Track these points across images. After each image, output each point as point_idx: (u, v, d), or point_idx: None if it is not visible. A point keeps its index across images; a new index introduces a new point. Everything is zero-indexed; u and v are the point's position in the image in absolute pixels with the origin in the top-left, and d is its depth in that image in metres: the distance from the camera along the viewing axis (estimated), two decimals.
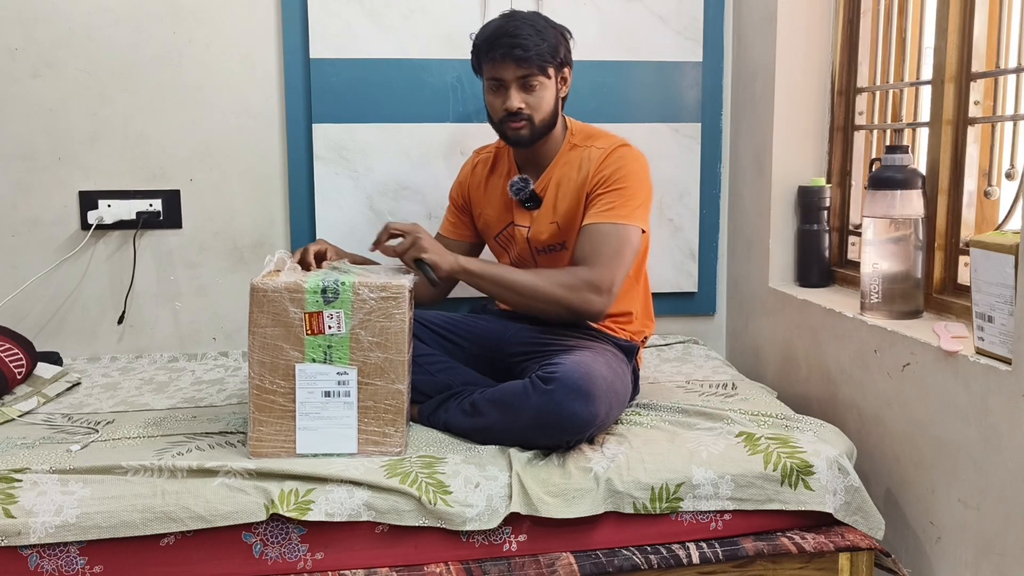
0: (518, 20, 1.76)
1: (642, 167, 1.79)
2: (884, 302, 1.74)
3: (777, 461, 1.54)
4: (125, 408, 1.84)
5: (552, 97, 1.78)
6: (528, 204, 1.85)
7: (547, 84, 1.76)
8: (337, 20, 2.20)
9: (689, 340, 2.39)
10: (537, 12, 1.84)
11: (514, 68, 1.73)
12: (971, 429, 1.45)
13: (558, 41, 1.77)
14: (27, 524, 1.38)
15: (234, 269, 2.30)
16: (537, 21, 1.77)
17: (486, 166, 1.97)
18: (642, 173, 1.78)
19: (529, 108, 1.76)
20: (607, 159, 1.77)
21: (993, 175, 1.70)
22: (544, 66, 1.74)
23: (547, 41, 1.74)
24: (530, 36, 1.72)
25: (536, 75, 1.74)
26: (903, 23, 1.92)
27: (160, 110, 2.21)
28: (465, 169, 2.03)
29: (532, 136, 1.79)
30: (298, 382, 1.53)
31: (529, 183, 1.83)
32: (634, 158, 1.78)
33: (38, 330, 2.23)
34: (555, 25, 1.80)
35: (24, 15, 2.14)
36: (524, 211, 1.86)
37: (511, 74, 1.74)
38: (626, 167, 1.76)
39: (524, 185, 1.83)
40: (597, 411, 1.54)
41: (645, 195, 1.78)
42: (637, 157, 1.79)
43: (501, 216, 1.91)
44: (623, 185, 1.74)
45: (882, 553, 1.54)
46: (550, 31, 1.77)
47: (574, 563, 1.46)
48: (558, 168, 1.83)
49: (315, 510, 1.43)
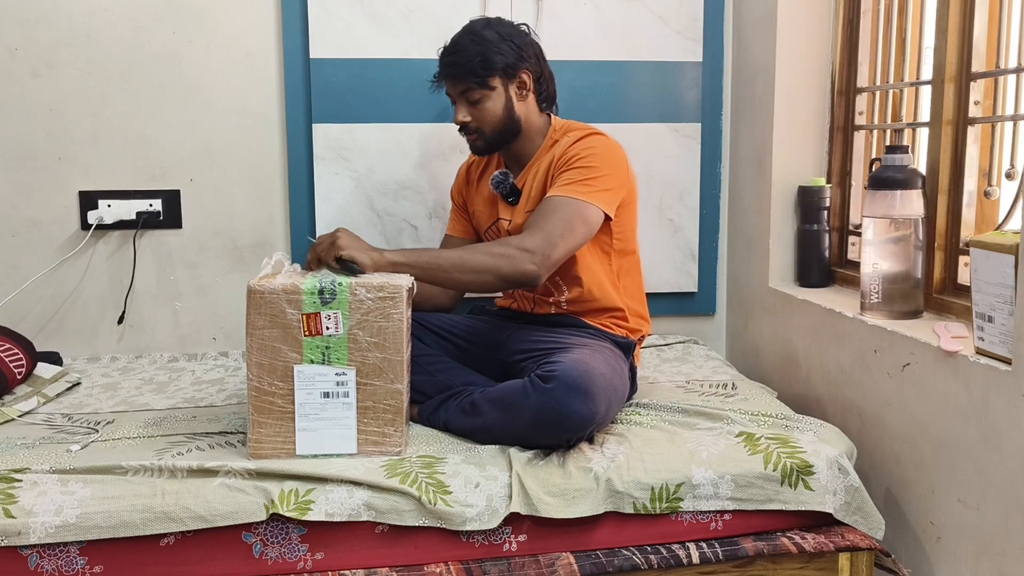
0: (463, 34, 1.79)
1: (612, 153, 1.78)
2: (884, 302, 1.74)
3: (777, 461, 1.54)
4: (125, 408, 1.84)
5: (500, 107, 1.79)
6: (511, 199, 1.87)
7: (492, 95, 1.77)
8: (337, 20, 2.20)
9: (689, 340, 2.39)
10: (493, 19, 1.83)
11: (452, 84, 1.78)
12: (971, 429, 1.45)
13: (499, 50, 1.76)
14: (27, 524, 1.38)
15: (234, 269, 2.30)
16: (483, 32, 1.77)
17: (480, 165, 1.99)
18: (611, 158, 1.76)
19: (475, 121, 1.79)
20: (576, 143, 1.78)
21: (993, 175, 1.69)
22: (484, 78, 1.75)
23: (483, 54, 1.74)
24: (466, 51, 1.75)
25: (475, 89, 1.76)
26: (903, 23, 1.92)
27: (160, 110, 2.21)
28: (461, 169, 2.06)
29: (487, 146, 1.83)
30: (296, 383, 1.52)
31: (509, 177, 1.86)
32: (605, 145, 1.78)
33: (38, 330, 2.23)
34: (504, 30, 1.79)
35: (24, 15, 2.14)
36: (507, 205, 1.88)
37: (454, 90, 1.80)
38: (594, 150, 1.76)
39: (504, 179, 1.86)
40: (597, 409, 1.54)
41: (613, 180, 1.75)
42: (609, 144, 1.79)
43: (488, 212, 1.94)
44: (587, 164, 1.74)
45: (882, 553, 1.54)
46: (497, 44, 1.76)
47: (574, 563, 1.46)
48: (537, 163, 1.85)
49: (315, 510, 1.43)
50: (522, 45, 1.81)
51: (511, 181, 1.85)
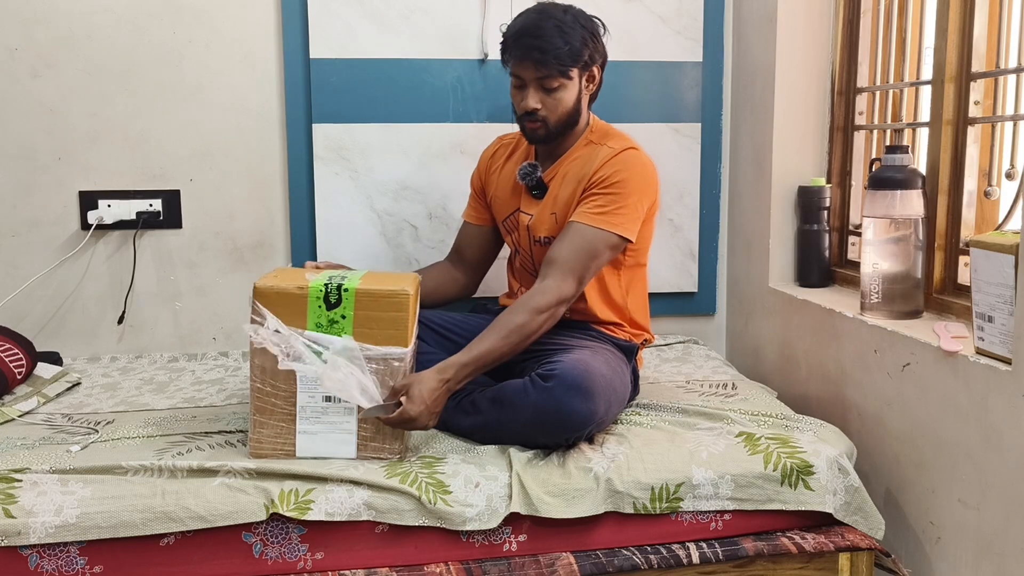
0: (544, 18, 1.72)
1: (644, 174, 1.77)
2: (884, 302, 1.74)
3: (777, 461, 1.55)
4: (125, 408, 1.84)
5: (572, 98, 1.76)
6: (535, 192, 1.85)
7: (568, 85, 1.74)
8: (337, 20, 2.20)
9: (689, 340, 2.39)
10: (569, 6, 1.78)
11: (533, 69, 1.72)
12: (971, 429, 1.45)
13: (584, 41, 1.73)
14: (27, 524, 1.38)
15: (234, 269, 2.29)
16: (564, 19, 1.72)
17: (507, 151, 1.97)
18: (643, 181, 1.76)
19: (545, 109, 1.75)
20: (612, 159, 1.75)
21: (993, 175, 1.70)
22: (565, 69, 1.71)
23: (570, 43, 1.70)
24: (552, 37, 1.69)
25: (556, 78, 1.72)
26: (903, 23, 1.92)
27: (160, 110, 2.21)
28: (485, 154, 2.02)
29: (548, 135, 1.78)
30: (299, 386, 1.52)
31: (537, 169, 1.83)
32: (641, 164, 1.77)
33: (38, 330, 2.23)
34: (586, 22, 1.76)
35: (24, 15, 2.14)
36: (531, 199, 1.86)
37: (530, 74, 1.73)
38: (629, 171, 1.74)
39: (532, 171, 1.83)
40: (596, 408, 1.54)
41: (640, 206, 1.76)
42: (645, 163, 1.78)
43: (509, 201, 1.91)
44: (619, 191, 1.73)
45: (882, 553, 1.54)
46: (577, 30, 1.72)
47: (574, 563, 1.46)
48: (568, 161, 1.82)
49: (315, 510, 1.43)
50: (599, 37, 1.78)
51: (539, 174, 1.83)
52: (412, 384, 1.52)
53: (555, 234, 1.81)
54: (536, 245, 1.86)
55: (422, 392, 1.51)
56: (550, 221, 1.82)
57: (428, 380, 1.53)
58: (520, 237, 1.89)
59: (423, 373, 1.55)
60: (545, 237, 1.83)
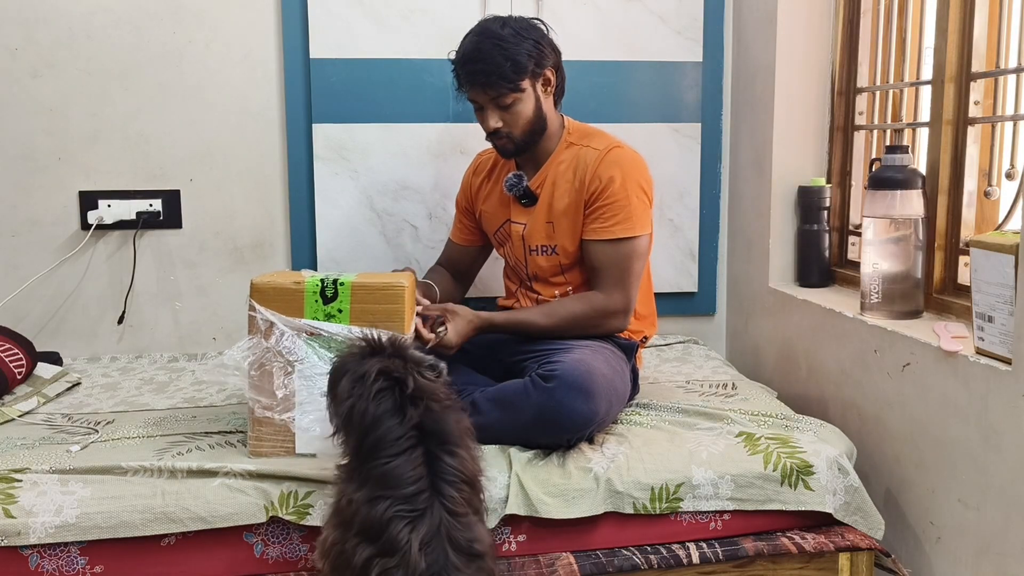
0: (483, 39, 1.72)
1: (636, 168, 1.77)
2: (884, 302, 1.74)
3: (777, 461, 1.54)
4: (125, 408, 1.84)
5: (531, 108, 1.76)
6: (524, 201, 1.85)
7: (522, 97, 1.74)
8: (337, 20, 2.20)
9: (689, 340, 2.39)
10: (507, 18, 1.77)
11: (483, 92, 1.74)
12: (971, 429, 1.45)
13: (527, 51, 1.72)
14: (27, 524, 1.38)
15: (234, 269, 2.29)
16: (503, 34, 1.72)
17: (488, 164, 1.97)
18: (637, 176, 1.77)
19: (507, 125, 1.76)
20: (602, 164, 1.75)
21: (993, 175, 1.69)
22: (513, 84, 1.72)
23: (511, 58, 1.70)
24: (493, 57, 1.70)
25: (507, 94, 1.73)
26: (903, 23, 1.92)
27: (160, 110, 2.21)
28: (467, 172, 2.04)
29: (517, 148, 1.80)
30: (297, 383, 1.52)
31: (523, 179, 1.84)
32: (630, 161, 1.78)
33: (38, 330, 2.23)
34: (525, 30, 1.75)
35: (24, 15, 2.14)
36: (521, 208, 1.86)
37: (483, 97, 1.75)
38: (620, 171, 1.74)
39: (518, 181, 1.83)
40: (597, 408, 1.54)
41: (645, 200, 1.78)
42: (633, 159, 1.79)
43: (499, 212, 1.91)
44: (619, 195, 1.73)
45: (882, 553, 1.54)
46: (518, 43, 1.71)
47: (574, 563, 1.46)
48: (553, 166, 1.83)
49: (313, 515, 1.43)
50: (543, 41, 1.77)
51: (525, 184, 1.83)
52: (451, 318, 1.67)
53: (551, 243, 1.81)
54: (532, 255, 1.85)
55: (459, 327, 1.68)
56: (546, 230, 1.82)
57: (465, 315, 1.69)
58: (514, 247, 1.89)
59: (459, 308, 1.70)
60: (541, 246, 1.83)
